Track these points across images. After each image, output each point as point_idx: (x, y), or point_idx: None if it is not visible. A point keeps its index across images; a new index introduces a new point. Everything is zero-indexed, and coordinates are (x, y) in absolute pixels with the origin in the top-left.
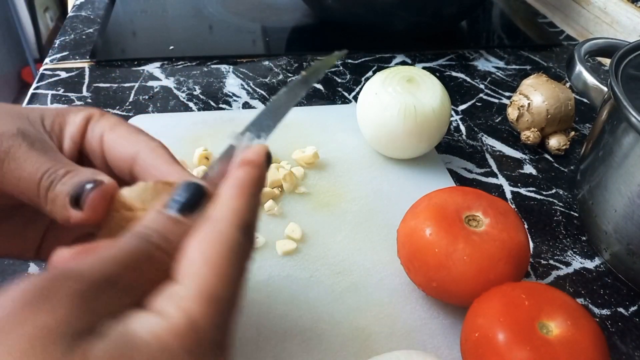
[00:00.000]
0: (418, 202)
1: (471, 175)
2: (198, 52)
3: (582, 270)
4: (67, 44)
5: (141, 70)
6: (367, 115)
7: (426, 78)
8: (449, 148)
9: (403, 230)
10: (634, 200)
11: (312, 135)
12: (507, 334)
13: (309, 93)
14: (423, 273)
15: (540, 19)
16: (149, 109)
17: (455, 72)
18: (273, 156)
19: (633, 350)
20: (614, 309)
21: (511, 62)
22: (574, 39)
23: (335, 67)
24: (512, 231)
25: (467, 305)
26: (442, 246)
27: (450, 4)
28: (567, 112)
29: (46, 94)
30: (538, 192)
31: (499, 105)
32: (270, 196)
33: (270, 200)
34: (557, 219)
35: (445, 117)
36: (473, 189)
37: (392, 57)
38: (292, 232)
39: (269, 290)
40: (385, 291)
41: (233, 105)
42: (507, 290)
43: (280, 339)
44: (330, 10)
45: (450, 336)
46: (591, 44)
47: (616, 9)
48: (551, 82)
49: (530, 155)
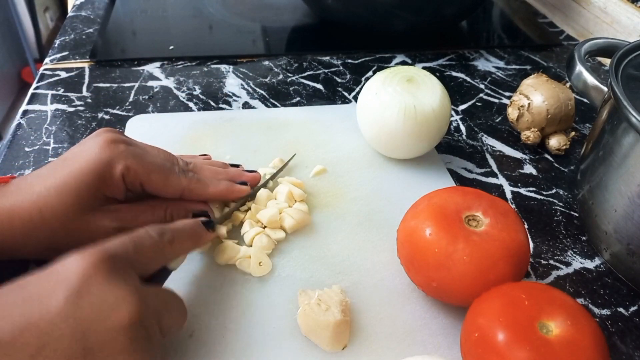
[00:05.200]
0: (418, 202)
1: (471, 175)
2: (198, 52)
3: (582, 270)
4: (67, 44)
5: (141, 70)
6: (367, 115)
7: (426, 78)
8: (449, 148)
9: (403, 230)
10: (634, 200)
11: (312, 135)
12: (507, 334)
13: (308, 93)
14: (423, 273)
15: (540, 19)
16: (149, 109)
17: (455, 72)
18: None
19: (633, 350)
20: (614, 309)
21: (511, 62)
22: (574, 39)
23: (335, 67)
24: (512, 231)
25: (467, 305)
26: (442, 246)
27: (450, 4)
28: (567, 112)
29: (46, 94)
30: (538, 192)
31: (499, 105)
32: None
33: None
34: (557, 219)
35: (445, 117)
36: (473, 189)
37: (392, 57)
38: (285, 222)
39: (269, 290)
40: (385, 291)
41: (233, 105)
42: (507, 290)
43: (281, 338)
44: (330, 10)
45: (450, 336)
46: (591, 44)
47: (616, 9)
48: (551, 82)
49: (530, 155)
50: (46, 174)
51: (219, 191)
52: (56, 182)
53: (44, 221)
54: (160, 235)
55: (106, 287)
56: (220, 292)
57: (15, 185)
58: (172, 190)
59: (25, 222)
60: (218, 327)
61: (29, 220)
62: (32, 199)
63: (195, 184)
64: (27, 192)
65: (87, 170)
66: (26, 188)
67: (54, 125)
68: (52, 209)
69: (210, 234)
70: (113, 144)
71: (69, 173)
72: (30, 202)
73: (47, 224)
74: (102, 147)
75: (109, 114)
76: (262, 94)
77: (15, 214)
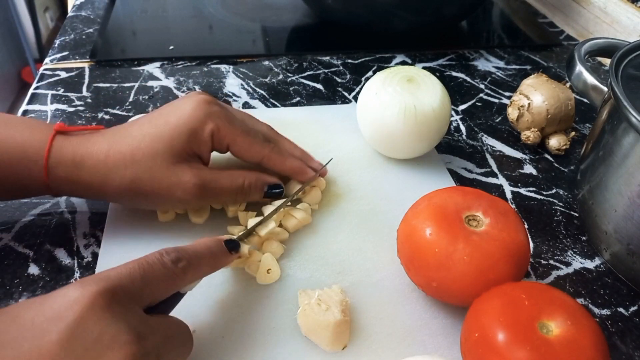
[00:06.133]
0: (418, 202)
1: (471, 175)
2: (198, 52)
3: (582, 270)
4: (67, 44)
5: (141, 70)
6: (367, 115)
7: (426, 78)
8: (449, 148)
9: (403, 230)
10: (634, 200)
11: (312, 135)
12: (507, 334)
13: (308, 93)
14: (423, 273)
15: (540, 19)
16: (149, 109)
17: (455, 72)
18: None
19: (633, 350)
20: (614, 309)
21: (511, 62)
22: (574, 39)
23: (335, 67)
24: (512, 231)
25: (467, 305)
26: (442, 246)
27: (450, 4)
28: (567, 112)
29: (46, 94)
30: (538, 192)
31: (499, 105)
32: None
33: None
34: (557, 219)
35: (445, 117)
36: (473, 189)
37: (392, 57)
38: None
39: (269, 290)
40: (385, 291)
41: (233, 105)
42: (507, 290)
43: (281, 338)
44: (330, 10)
45: (450, 336)
46: (591, 44)
47: (616, 9)
48: (551, 82)
49: (530, 155)
50: (143, 122)
51: (293, 167)
52: (152, 129)
53: (133, 162)
54: (175, 262)
55: (103, 323)
56: (221, 292)
57: (112, 130)
58: (253, 155)
59: (117, 161)
60: (218, 327)
61: (121, 159)
62: (127, 141)
63: (275, 154)
64: (124, 135)
65: (182, 123)
66: (123, 132)
67: None
68: (143, 152)
69: (231, 256)
70: (208, 104)
71: (165, 123)
72: (125, 143)
73: (136, 165)
74: (199, 105)
75: (109, 114)
76: (262, 94)
77: (110, 154)
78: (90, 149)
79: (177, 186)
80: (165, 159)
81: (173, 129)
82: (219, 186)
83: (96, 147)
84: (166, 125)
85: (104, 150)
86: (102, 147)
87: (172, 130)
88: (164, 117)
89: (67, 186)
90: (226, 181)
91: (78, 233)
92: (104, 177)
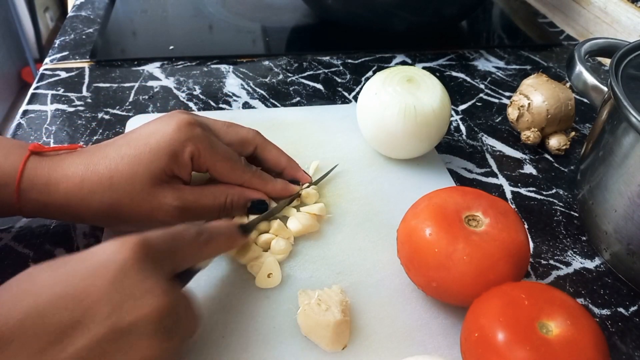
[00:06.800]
0: (418, 202)
1: (471, 175)
2: (198, 52)
3: (582, 270)
4: (67, 44)
5: (141, 70)
6: (367, 115)
7: (426, 78)
8: (449, 148)
9: (403, 230)
10: (634, 200)
11: (312, 135)
12: (507, 334)
13: (308, 93)
14: (423, 273)
15: (540, 19)
16: (149, 109)
17: (455, 72)
18: None
19: (633, 350)
20: (614, 309)
21: (511, 62)
22: (574, 39)
23: (335, 67)
24: (512, 231)
25: (467, 305)
26: (442, 246)
27: (450, 4)
28: (567, 112)
29: (46, 94)
30: (538, 192)
31: (499, 105)
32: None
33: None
34: (557, 219)
35: (445, 117)
36: (473, 189)
37: (392, 57)
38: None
39: (270, 290)
40: (385, 291)
41: (233, 105)
42: (507, 290)
43: (281, 338)
44: (330, 10)
45: (450, 336)
46: (591, 44)
47: (616, 9)
48: (551, 82)
49: (530, 155)
50: (120, 143)
51: (276, 189)
52: (130, 151)
53: (112, 186)
54: (199, 234)
55: (140, 276)
56: (221, 292)
57: (89, 150)
58: (234, 180)
59: (94, 185)
60: (218, 326)
61: (98, 183)
62: (105, 163)
63: (256, 179)
64: (101, 156)
65: (163, 145)
66: (99, 153)
67: (54, 125)
68: (122, 175)
69: (244, 238)
70: (190, 126)
71: (144, 145)
72: (103, 165)
73: (115, 189)
74: (179, 127)
75: (109, 114)
76: (262, 94)
77: (87, 177)
78: (66, 170)
79: (158, 210)
80: (144, 181)
81: (153, 151)
82: (200, 206)
83: (71, 170)
84: (145, 147)
85: (80, 173)
86: (77, 169)
87: (152, 152)
88: (144, 139)
89: (40, 209)
90: (208, 200)
91: (78, 233)
92: (80, 201)
